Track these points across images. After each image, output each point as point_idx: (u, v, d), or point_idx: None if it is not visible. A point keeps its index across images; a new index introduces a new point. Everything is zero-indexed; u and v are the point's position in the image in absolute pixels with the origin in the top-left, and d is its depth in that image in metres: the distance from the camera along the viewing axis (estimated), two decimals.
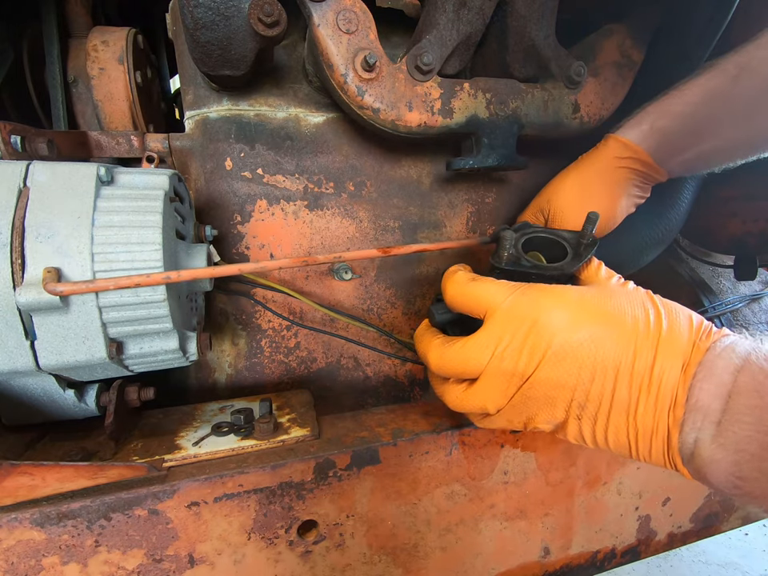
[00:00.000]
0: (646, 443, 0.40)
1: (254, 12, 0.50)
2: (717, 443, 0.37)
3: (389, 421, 0.55)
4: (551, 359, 0.41)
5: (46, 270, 0.41)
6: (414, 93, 0.61)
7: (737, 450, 0.36)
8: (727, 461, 0.36)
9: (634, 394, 0.40)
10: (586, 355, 0.40)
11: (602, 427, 0.41)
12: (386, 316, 0.78)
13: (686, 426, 0.38)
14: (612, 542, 0.65)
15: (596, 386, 0.41)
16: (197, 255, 0.55)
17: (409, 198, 0.76)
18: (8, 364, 0.43)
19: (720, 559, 1.66)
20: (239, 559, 0.46)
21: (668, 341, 0.41)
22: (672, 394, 0.39)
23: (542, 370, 0.41)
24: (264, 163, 0.68)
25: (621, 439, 0.41)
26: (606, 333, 0.41)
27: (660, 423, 0.40)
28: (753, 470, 0.35)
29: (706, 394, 0.38)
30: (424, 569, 0.54)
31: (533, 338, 0.41)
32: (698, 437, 0.38)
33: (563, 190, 0.70)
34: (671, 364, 0.40)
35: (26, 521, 0.39)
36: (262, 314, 0.71)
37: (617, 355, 0.40)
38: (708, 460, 0.37)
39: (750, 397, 0.36)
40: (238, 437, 0.50)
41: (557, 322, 0.41)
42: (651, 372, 0.40)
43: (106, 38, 0.78)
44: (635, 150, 0.66)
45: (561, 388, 0.41)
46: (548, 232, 0.56)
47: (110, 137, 0.64)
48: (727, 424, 0.37)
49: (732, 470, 0.36)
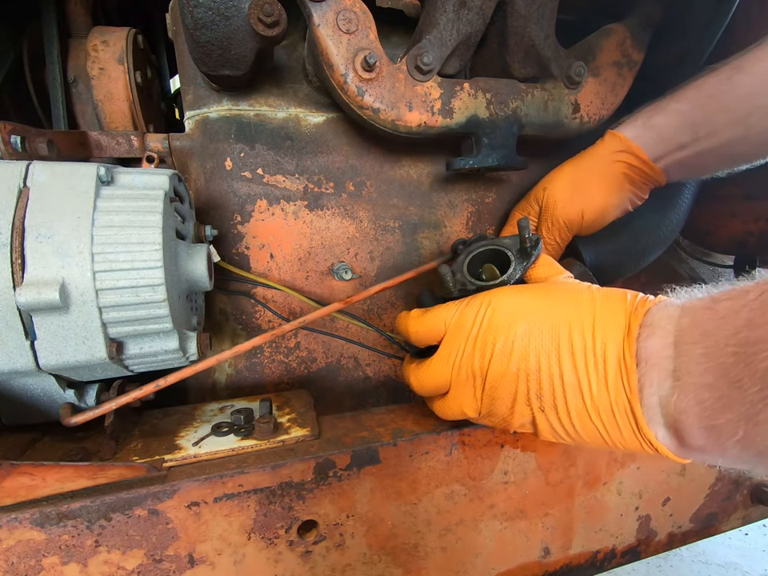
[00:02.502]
0: (611, 423, 0.39)
1: (253, 12, 0.50)
2: (678, 392, 0.35)
3: (389, 421, 0.55)
4: (498, 355, 0.43)
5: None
6: (414, 93, 0.61)
7: (697, 389, 0.34)
8: (694, 407, 0.35)
9: (581, 372, 0.40)
10: (527, 345, 0.42)
11: (566, 414, 0.41)
12: (386, 316, 0.78)
13: (645, 389, 0.37)
14: (612, 542, 0.65)
15: (543, 372, 0.41)
16: (197, 255, 0.55)
17: (409, 198, 0.76)
18: (8, 364, 0.43)
19: (720, 559, 1.66)
20: (239, 559, 0.46)
21: (603, 315, 0.41)
22: (619, 363, 0.38)
23: (493, 367, 0.43)
24: (264, 163, 0.68)
25: (587, 425, 0.41)
26: (542, 320, 0.42)
27: (617, 396, 0.39)
28: (717, 406, 0.33)
29: (654, 349, 0.37)
30: (424, 569, 0.54)
31: (480, 340, 0.44)
32: (659, 396, 0.37)
33: (559, 179, 0.71)
34: (611, 335, 0.40)
35: (26, 521, 0.39)
36: (262, 314, 0.71)
37: (554, 339, 0.41)
38: (677, 414, 0.36)
39: (694, 333, 0.35)
40: (238, 437, 0.50)
41: (497, 321, 0.44)
42: (593, 347, 0.40)
43: (106, 37, 0.78)
44: (629, 144, 0.67)
45: (515, 380, 0.42)
46: (490, 244, 0.58)
47: (110, 137, 0.64)
48: (682, 369, 0.35)
49: (701, 414, 0.34)
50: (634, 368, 0.38)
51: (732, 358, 0.32)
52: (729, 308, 0.33)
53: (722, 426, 0.33)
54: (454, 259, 0.60)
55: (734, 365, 0.31)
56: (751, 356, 0.30)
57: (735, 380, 0.31)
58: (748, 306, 0.32)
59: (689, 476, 0.67)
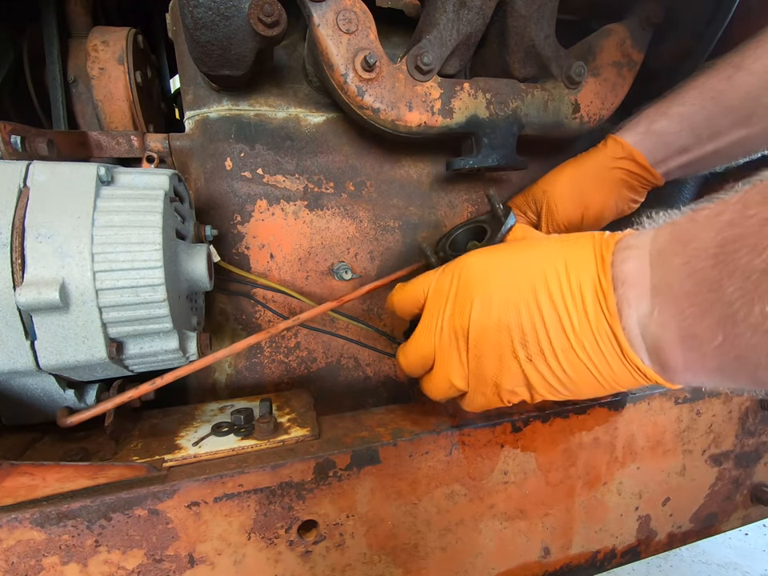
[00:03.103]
0: (598, 355, 0.38)
1: (253, 12, 0.50)
2: (658, 307, 0.34)
3: (389, 421, 0.55)
4: (478, 310, 0.43)
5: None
6: (414, 93, 0.61)
7: (676, 300, 0.33)
8: (674, 318, 0.33)
9: (560, 308, 0.39)
10: (505, 296, 0.42)
11: (553, 357, 0.40)
12: (386, 316, 0.78)
13: (623, 310, 0.36)
14: (612, 542, 0.65)
15: (524, 317, 0.41)
16: (197, 255, 0.55)
17: (409, 198, 0.76)
18: (8, 364, 0.43)
19: (720, 559, 1.66)
20: (239, 559, 0.46)
21: (574, 251, 0.41)
22: (595, 291, 0.38)
23: (474, 323, 0.43)
24: (264, 163, 0.68)
25: (576, 364, 0.39)
26: (516, 270, 0.42)
27: (598, 324, 0.38)
28: (696, 312, 0.32)
29: (631, 270, 0.36)
30: (424, 569, 0.54)
31: (459, 298, 0.45)
32: (639, 313, 0.36)
33: (559, 183, 0.71)
34: (584, 267, 0.39)
35: (26, 521, 0.39)
36: (262, 314, 0.71)
37: (530, 284, 0.41)
38: (657, 328, 0.35)
39: (673, 245, 0.34)
40: (238, 437, 0.50)
41: (473, 278, 0.44)
42: (569, 281, 0.39)
43: (106, 38, 0.78)
44: (630, 151, 0.67)
45: (497, 332, 0.42)
46: (467, 223, 0.62)
47: (110, 137, 0.64)
48: (661, 283, 0.34)
49: (681, 324, 0.33)
50: (611, 291, 0.37)
51: (712, 261, 0.30)
52: (709, 214, 0.32)
53: (702, 334, 0.32)
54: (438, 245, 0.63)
55: (714, 267, 0.30)
56: (731, 255, 0.29)
57: (715, 282, 0.30)
58: (729, 209, 0.31)
59: (689, 476, 0.67)
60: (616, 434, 0.60)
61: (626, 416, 0.60)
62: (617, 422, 0.59)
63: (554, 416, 0.56)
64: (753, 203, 0.29)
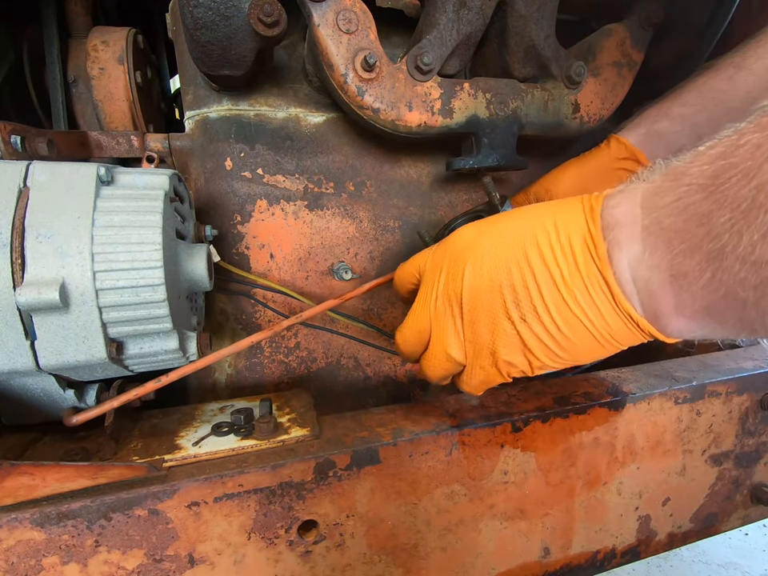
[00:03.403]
0: (591, 307, 0.37)
1: (253, 12, 0.50)
2: (649, 245, 0.33)
3: (389, 421, 0.55)
4: (469, 273, 0.43)
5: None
6: (414, 93, 0.61)
7: (667, 239, 0.32)
8: (661, 255, 0.32)
9: (550, 262, 0.38)
10: (496, 258, 0.41)
11: (546, 315, 0.39)
12: (386, 316, 0.78)
13: (613, 254, 0.35)
14: (612, 542, 0.65)
15: (515, 276, 0.40)
16: (197, 255, 0.55)
17: (409, 198, 0.76)
18: (8, 364, 0.43)
19: (720, 559, 1.66)
20: (239, 559, 0.46)
21: (563, 209, 0.40)
22: (584, 239, 0.37)
23: (467, 287, 0.43)
24: (264, 163, 0.68)
25: (571, 320, 0.38)
26: (506, 233, 0.42)
27: (588, 272, 0.36)
28: (685, 249, 0.31)
29: (622, 211, 0.35)
30: (424, 569, 0.54)
31: (451, 266, 0.45)
32: (629, 256, 0.34)
33: (562, 182, 0.71)
34: (573, 219, 0.38)
35: (26, 521, 0.39)
36: (262, 314, 0.71)
37: (520, 244, 0.41)
38: (648, 271, 0.33)
39: (666, 182, 0.33)
40: (238, 437, 0.50)
41: (465, 244, 0.44)
42: (557, 235, 0.39)
43: (106, 38, 0.78)
44: (633, 151, 0.67)
45: (489, 294, 0.41)
46: (465, 213, 0.63)
47: (110, 137, 0.64)
48: (652, 221, 0.33)
49: (671, 263, 0.32)
50: (600, 237, 0.36)
51: (703, 194, 0.29)
52: (702, 150, 0.31)
53: (691, 271, 0.31)
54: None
55: (705, 199, 0.29)
56: (721, 186, 0.28)
57: (705, 215, 0.29)
58: (723, 142, 0.30)
59: (689, 476, 0.67)
60: (616, 433, 0.60)
61: (626, 416, 0.60)
62: (617, 422, 0.59)
63: (553, 416, 0.56)
64: (746, 132, 0.28)
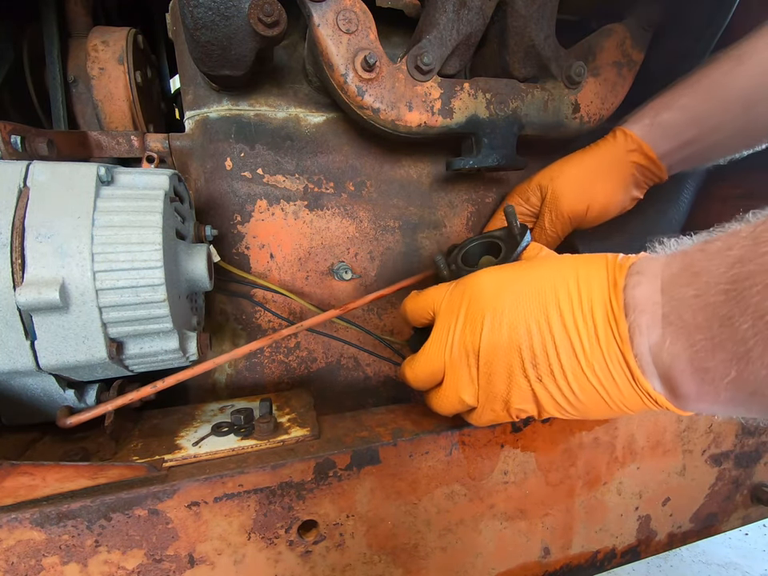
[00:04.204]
0: (608, 379, 0.38)
1: (253, 12, 0.50)
2: (670, 337, 0.34)
3: (389, 421, 0.55)
4: (489, 329, 0.43)
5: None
6: (414, 93, 0.61)
7: (688, 332, 0.33)
8: (685, 350, 0.33)
9: (571, 331, 0.39)
10: (516, 315, 0.42)
11: (563, 378, 0.40)
12: (386, 316, 0.78)
13: (635, 337, 0.36)
14: (612, 542, 0.65)
15: (535, 338, 0.41)
16: (197, 255, 0.55)
17: (409, 197, 0.76)
18: (8, 364, 0.43)
19: (720, 559, 1.66)
20: (239, 559, 0.46)
21: (587, 273, 0.40)
22: (607, 315, 0.38)
23: (485, 341, 0.43)
24: (264, 163, 0.68)
25: (585, 386, 0.39)
26: (528, 289, 0.42)
27: (609, 348, 0.37)
28: (708, 346, 0.32)
29: (643, 297, 0.36)
30: (424, 569, 0.54)
31: (470, 316, 0.45)
32: (650, 341, 0.36)
33: (568, 172, 0.70)
34: (596, 289, 0.39)
35: (26, 521, 0.39)
36: (262, 314, 0.71)
37: (541, 304, 0.41)
38: (669, 358, 0.34)
39: (685, 275, 0.34)
40: (238, 437, 0.50)
41: (484, 295, 0.44)
42: (580, 303, 0.39)
43: (106, 38, 0.78)
44: (640, 143, 0.67)
45: (508, 351, 0.42)
46: (482, 237, 0.60)
47: (110, 137, 0.64)
48: (673, 313, 0.34)
49: (693, 357, 0.33)
50: (622, 317, 0.37)
51: (723, 296, 0.31)
52: (720, 247, 0.33)
53: (715, 368, 0.32)
54: (449, 256, 0.62)
55: (725, 302, 0.31)
56: (742, 292, 0.30)
57: (726, 318, 0.30)
58: (739, 243, 0.31)
59: (689, 476, 0.67)
60: (616, 433, 0.60)
61: (626, 416, 0.60)
62: (617, 421, 0.59)
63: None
64: (763, 239, 0.30)
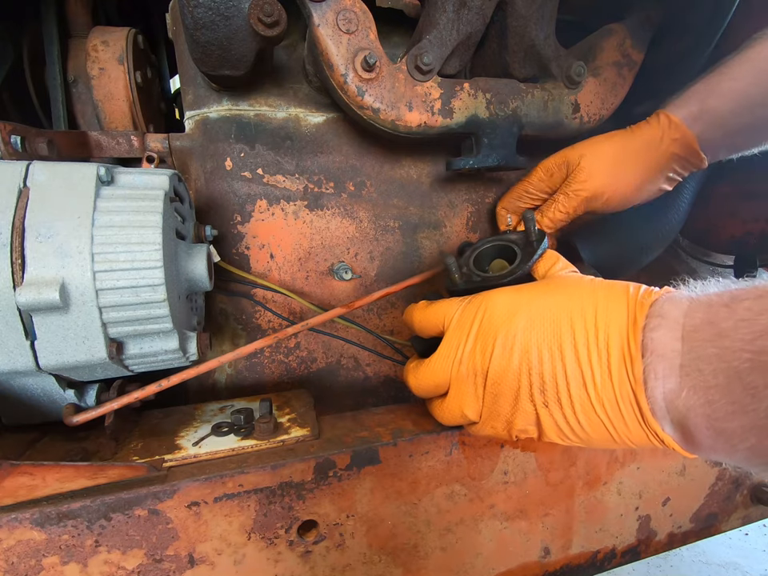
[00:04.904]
0: (617, 416, 0.38)
1: (253, 12, 0.50)
2: (686, 386, 0.34)
3: (389, 421, 0.55)
4: (500, 351, 0.42)
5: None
6: (414, 93, 0.61)
7: (707, 389, 0.33)
8: (703, 406, 0.33)
9: (584, 364, 0.39)
10: (529, 339, 0.41)
11: (570, 408, 0.40)
12: (386, 316, 0.78)
13: (649, 380, 0.36)
14: (612, 542, 0.65)
15: (546, 365, 0.40)
16: (197, 255, 0.55)
17: (409, 197, 0.76)
18: (8, 364, 0.43)
19: (720, 559, 1.66)
20: (239, 559, 0.46)
21: (606, 305, 0.40)
22: (623, 353, 0.37)
23: (494, 363, 0.42)
24: (264, 163, 0.68)
25: (593, 419, 0.39)
26: (543, 314, 0.42)
27: (622, 387, 0.37)
28: (729, 409, 0.32)
29: (661, 341, 0.35)
30: (424, 569, 0.54)
31: (481, 336, 0.44)
32: (665, 388, 0.35)
33: (601, 150, 0.65)
34: (614, 324, 0.38)
35: (26, 521, 0.39)
36: (262, 314, 0.71)
37: (556, 331, 0.40)
38: (684, 409, 0.34)
39: (708, 330, 0.33)
40: (238, 437, 0.50)
41: (498, 316, 0.44)
42: (596, 337, 0.38)
43: (106, 38, 0.78)
44: (684, 132, 0.62)
45: (517, 375, 0.41)
46: (496, 239, 0.58)
47: (110, 137, 0.64)
48: (691, 365, 0.34)
49: (711, 415, 0.33)
50: (638, 358, 0.36)
51: (747, 364, 0.30)
52: (749, 309, 0.32)
53: (733, 431, 0.32)
54: (461, 256, 0.60)
55: (750, 371, 0.30)
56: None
57: (750, 387, 0.30)
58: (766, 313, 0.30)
59: (689, 476, 0.67)
60: None
61: None
62: None
63: None
64: None
